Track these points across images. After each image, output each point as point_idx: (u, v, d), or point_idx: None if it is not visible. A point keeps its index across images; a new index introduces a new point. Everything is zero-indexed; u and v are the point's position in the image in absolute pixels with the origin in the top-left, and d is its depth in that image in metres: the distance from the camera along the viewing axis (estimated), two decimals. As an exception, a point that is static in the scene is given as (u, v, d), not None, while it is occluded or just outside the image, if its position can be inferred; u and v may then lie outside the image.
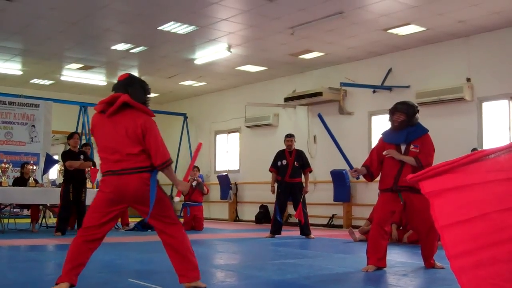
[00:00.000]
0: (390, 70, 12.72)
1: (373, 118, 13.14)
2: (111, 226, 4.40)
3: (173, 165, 15.07)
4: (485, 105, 11.14)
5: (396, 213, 6.10)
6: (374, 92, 12.98)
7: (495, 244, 3.15)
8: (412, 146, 5.86)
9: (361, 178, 6.33)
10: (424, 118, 11.84)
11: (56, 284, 4.20)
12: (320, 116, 5.88)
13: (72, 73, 15.44)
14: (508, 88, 10.69)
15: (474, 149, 9.99)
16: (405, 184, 5.59)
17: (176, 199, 4.64)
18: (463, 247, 3.21)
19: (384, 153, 5.94)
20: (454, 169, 3.35)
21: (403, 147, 5.91)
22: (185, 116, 18.28)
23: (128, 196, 4.20)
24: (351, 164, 6.20)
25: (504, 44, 10.80)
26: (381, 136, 6.21)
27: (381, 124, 12.90)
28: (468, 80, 11.23)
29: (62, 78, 15.89)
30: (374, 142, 12.87)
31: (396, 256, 7.55)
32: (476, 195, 3.27)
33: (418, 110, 6.13)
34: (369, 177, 6.17)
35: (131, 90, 4.29)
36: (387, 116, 12.85)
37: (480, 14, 10.01)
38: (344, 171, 12.96)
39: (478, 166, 3.30)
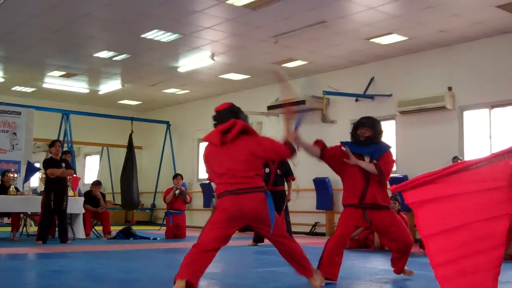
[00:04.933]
0: (372, 79, 12.81)
1: (356, 126, 13.18)
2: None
3: (155, 173, 14.93)
4: (466, 114, 11.25)
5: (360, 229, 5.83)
6: (356, 100, 13.05)
7: (477, 253, 3.22)
8: (374, 162, 5.57)
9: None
10: (405, 126, 12.01)
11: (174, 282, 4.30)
12: (301, 113, 5.59)
13: (54, 81, 15.35)
14: (488, 97, 10.82)
15: (455, 158, 10.07)
16: (370, 202, 5.47)
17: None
18: (446, 256, 3.27)
19: (348, 160, 5.57)
20: (436, 179, 3.41)
21: (367, 159, 5.62)
22: (168, 124, 18.23)
23: (244, 213, 4.40)
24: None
25: (485, 54, 10.93)
26: (341, 144, 5.79)
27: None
28: (450, 89, 11.34)
29: (44, 85, 15.79)
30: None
31: (378, 263, 7.58)
32: (458, 205, 3.33)
33: (383, 130, 5.85)
34: (318, 156, 5.80)
35: (241, 117, 4.65)
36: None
37: (461, 24, 10.13)
38: (326, 179, 13.00)
39: (459, 176, 3.37)
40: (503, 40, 10.69)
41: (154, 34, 10.98)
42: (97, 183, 12.37)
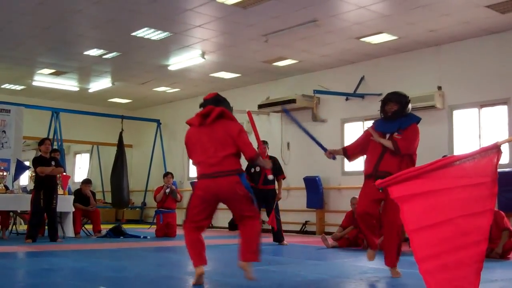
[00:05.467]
0: (362, 78, 12.85)
1: (346, 125, 13.25)
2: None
3: (146, 172, 14.97)
4: (456, 113, 11.31)
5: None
6: (347, 99, 13.09)
7: (460, 248, 3.26)
8: (395, 134, 5.78)
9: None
10: (396, 125, 12.04)
11: (195, 268, 5.05)
12: (285, 110, 5.86)
13: (44, 78, 15.29)
14: (478, 96, 10.88)
15: (444, 157, 10.11)
16: (384, 170, 5.55)
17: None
18: (430, 251, 3.32)
19: (373, 138, 5.85)
20: (422, 175, 3.45)
21: (388, 136, 5.82)
22: (158, 122, 18.20)
23: (220, 196, 4.95)
24: (324, 147, 6.26)
25: (474, 53, 11.00)
26: (372, 124, 6.12)
27: (353, 131, 13.03)
28: (439, 88, 11.40)
29: (34, 83, 15.72)
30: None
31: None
32: (442, 201, 3.38)
33: (409, 100, 6.01)
34: (347, 158, 6.33)
35: (222, 105, 5.14)
36: (359, 123, 13.03)
37: (450, 23, 10.18)
38: (317, 178, 13.03)
39: (444, 172, 3.41)
40: (492, 39, 10.76)
41: (145, 32, 10.96)
42: (87, 182, 12.34)
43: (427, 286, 3.30)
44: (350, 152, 6.17)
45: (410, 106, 6.00)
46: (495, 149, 3.33)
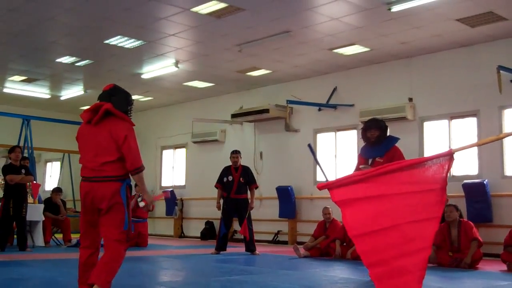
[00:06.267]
0: (335, 89, 12.95)
1: (318, 135, 13.33)
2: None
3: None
4: (426, 125, 11.46)
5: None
6: (319, 110, 13.18)
7: (405, 255, 3.26)
8: (377, 158, 6.16)
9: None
10: (367, 136, 12.15)
11: None
12: (310, 146, 6.12)
13: (15, 85, 15.10)
14: (448, 108, 11.04)
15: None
16: None
17: (141, 204, 4.99)
18: (378, 257, 3.32)
19: (360, 167, 6.16)
20: (367, 179, 3.43)
21: (370, 160, 6.21)
22: (131, 130, 18.05)
23: (96, 202, 4.43)
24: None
25: (445, 66, 11.17)
26: (359, 153, 6.52)
27: (326, 141, 13.12)
28: (410, 100, 11.54)
29: (5, 90, 15.52)
30: (319, 159, 13.12)
31: (339, 272, 7.65)
32: (389, 206, 3.36)
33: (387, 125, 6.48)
34: None
35: (114, 99, 4.60)
36: (332, 134, 13.10)
37: (422, 36, 10.34)
38: (289, 187, 13.07)
39: (391, 177, 3.39)
40: (462, 52, 10.94)
41: (118, 40, 10.91)
42: (57, 190, 12.21)
43: None
44: None
45: (388, 129, 6.43)
46: (448, 156, 3.29)
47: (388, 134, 6.40)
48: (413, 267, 3.22)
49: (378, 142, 6.25)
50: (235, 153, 10.63)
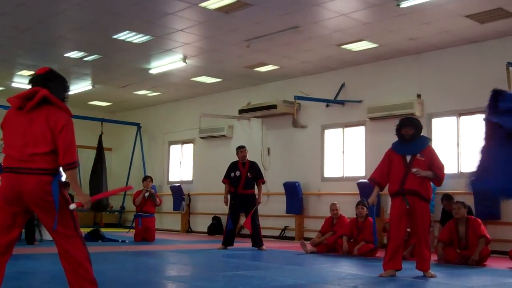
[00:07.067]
0: (343, 85, 12.91)
1: (326, 131, 13.30)
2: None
3: (125, 176, 14.82)
4: (435, 121, 11.42)
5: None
6: (327, 106, 13.15)
7: None
8: (418, 155, 6.59)
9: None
10: (375, 132, 12.13)
11: None
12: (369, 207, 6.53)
13: (23, 80, 15.11)
14: (456, 105, 10.99)
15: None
16: (410, 187, 6.46)
17: (72, 206, 4.14)
18: None
19: (414, 171, 6.48)
20: None
21: (408, 157, 6.62)
22: (138, 126, 18.11)
23: (25, 197, 3.91)
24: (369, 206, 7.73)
25: (453, 62, 11.11)
26: (390, 147, 6.89)
27: (333, 138, 13.09)
28: (419, 96, 11.50)
29: (13, 84, 15.55)
30: (327, 154, 13.12)
31: (346, 268, 7.65)
32: None
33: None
34: (382, 189, 7.03)
35: (52, 85, 4.12)
36: (339, 130, 13.08)
37: (430, 32, 10.29)
38: (297, 183, 13.06)
39: None
40: (471, 49, 10.88)
41: (126, 35, 10.92)
42: (65, 185, 12.18)
43: None
44: (384, 184, 6.87)
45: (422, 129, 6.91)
46: None
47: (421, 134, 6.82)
48: None
49: (412, 139, 6.66)
50: (242, 148, 10.64)
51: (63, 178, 4.19)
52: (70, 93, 4.38)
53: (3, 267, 4.05)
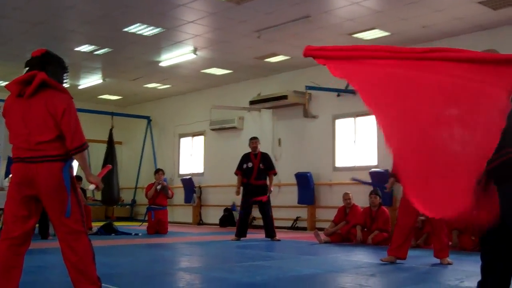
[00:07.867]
0: (354, 74, 12.83)
1: (337, 121, 13.25)
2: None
3: (135, 169, 14.84)
4: (447, 109, 11.33)
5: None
6: (338, 96, 13.09)
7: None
8: None
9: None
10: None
11: None
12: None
13: (33, 75, 15.17)
14: (469, 92, 10.90)
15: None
16: None
17: (91, 186, 4.16)
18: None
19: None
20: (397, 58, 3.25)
21: None
22: (148, 119, 18.13)
23: (36, 184, 3.78)
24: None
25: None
26: None
27: (345, 127, 13.05)
28: (431, 84, 11.41)
29: (23, 79, 15.59)
30: (338, 145, 13.07)
31: (362, 257, 7.64)
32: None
33: None
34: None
35: (50, 67, 3.98)
36: (351, 120, 13.01)
37: (443, 19, 10.20)
38: (308, 174, 13.04)
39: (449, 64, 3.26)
40: (484, 36, 10.79)
41: (137, 28, 10.90)
42: (77, 178, 12.27)
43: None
44: None
45: None
46: None
47: None
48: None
49: None
50: (254, 139, 10.64)
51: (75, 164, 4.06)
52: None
53: (22, 258, 4.00)
